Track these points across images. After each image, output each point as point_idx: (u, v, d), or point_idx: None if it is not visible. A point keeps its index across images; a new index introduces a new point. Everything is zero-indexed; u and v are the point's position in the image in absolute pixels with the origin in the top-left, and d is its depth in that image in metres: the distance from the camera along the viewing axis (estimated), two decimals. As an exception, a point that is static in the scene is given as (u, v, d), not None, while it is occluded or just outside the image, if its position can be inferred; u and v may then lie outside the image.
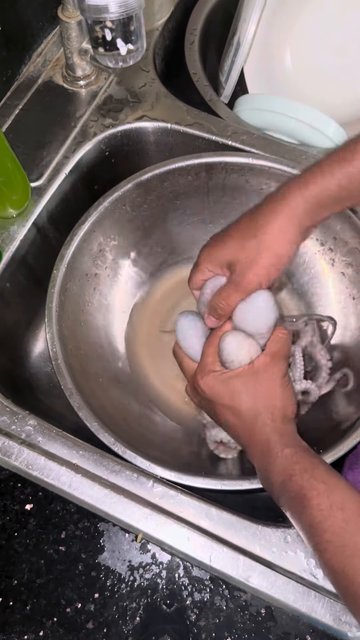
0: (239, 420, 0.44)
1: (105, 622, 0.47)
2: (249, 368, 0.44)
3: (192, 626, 0.46)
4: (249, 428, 0.43)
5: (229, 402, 0.44)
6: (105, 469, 0.49)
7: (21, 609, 0.47)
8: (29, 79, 0.69)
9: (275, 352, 0.45)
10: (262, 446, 0.43)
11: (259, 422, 0.43)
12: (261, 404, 0.43)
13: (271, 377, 0.44)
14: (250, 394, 0.43)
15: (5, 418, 0.52)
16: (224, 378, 0.44)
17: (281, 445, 0.42)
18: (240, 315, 0.46)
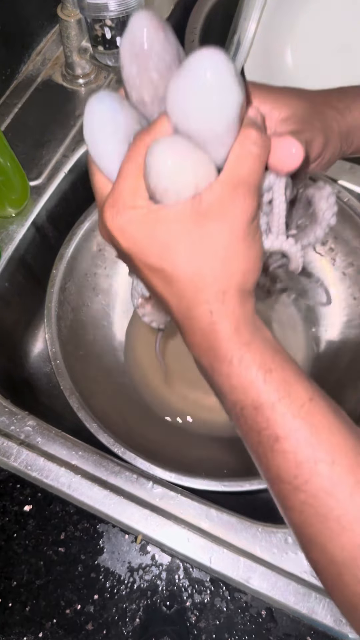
0: (170, 292, 0.29)
1: (105, 624, 0.46)
2: (193, 206, 0.27)
3: (192, 627, 0.46)
4: (186, 306, 0.28)
5: (155, 263, 0.28)
6: (104, 470, 0.49)
7: (20, 610, 0.47)
8: (28, 77, 0.69)
9: (240, 175, 0.27)
10: (204, 337, 0.28)
11: (202, 299, 0.28)
12: (208, 269, 0.27)
13: (229, 223, 0.27)
14: (190, 251, 0.27)
15: (4, 418, 0.52)
16: (150, 221, 0.27)
17: (237, 345, 0.28)
18: (176, 102, 0.26)
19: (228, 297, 0.28)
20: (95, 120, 0.28)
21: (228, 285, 0.28)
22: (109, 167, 0.29)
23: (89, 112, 0.28)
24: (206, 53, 0.24)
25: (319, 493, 0.27)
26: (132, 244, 0.28)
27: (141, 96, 0.28)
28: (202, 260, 0.27)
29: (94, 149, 0.29)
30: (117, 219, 0.28)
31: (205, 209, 0.27)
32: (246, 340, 0.28)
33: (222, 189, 0.27)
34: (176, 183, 0.26)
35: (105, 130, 0.28)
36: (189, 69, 0.25)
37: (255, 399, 0.28)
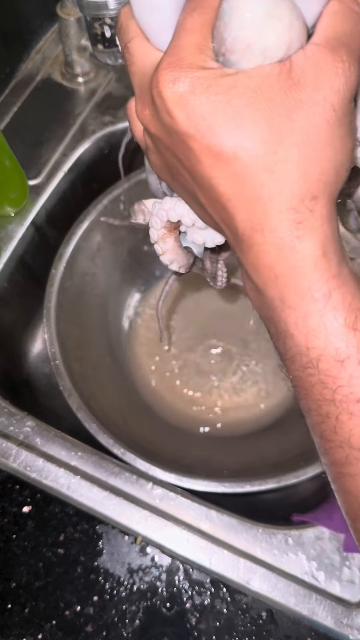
0: (242, 191, 0.21)
1: (105, 625, 0.46)
2: (283, 70, 0.20)
3: (192, 629, 0.46)
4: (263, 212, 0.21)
5: (227, 145, 0.20)
6: (104, 471, 0.49)
7: (20, 612, 0.47)
8: (28, 76, 0.69)
9: (340, 37, 0.20)
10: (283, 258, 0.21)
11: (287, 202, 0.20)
12: (299, 157, 0.20)
13: (328, 97, 0.20)
14: (278, 130, 0.20)
15: (3, 419, 0.52)
16: (223, 87, 0.20)
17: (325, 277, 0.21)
18: None
19: (319, 206, 0.21)
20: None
21: (320, 188, 0.21)
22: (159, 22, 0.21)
23: None
24: None
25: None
26: (196, 118, 0.20)
27: None
28: (290, 144, 0.20)
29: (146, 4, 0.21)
30: (178, 84, 0.20)
31: (297, 76, 0.20)
32: (335, 272, 0.21)
33: (319, 52, 0.20)
34: (265, 35, 0.19)
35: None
36: None
37: (341, 349, 0.21)
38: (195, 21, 0.20)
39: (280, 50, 0.20)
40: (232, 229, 0.22)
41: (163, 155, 0.24)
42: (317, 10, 0.20)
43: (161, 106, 0.21)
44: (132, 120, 0.25)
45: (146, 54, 0.23)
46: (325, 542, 0.46)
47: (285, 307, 0.22)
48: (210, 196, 0.22)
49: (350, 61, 0.20)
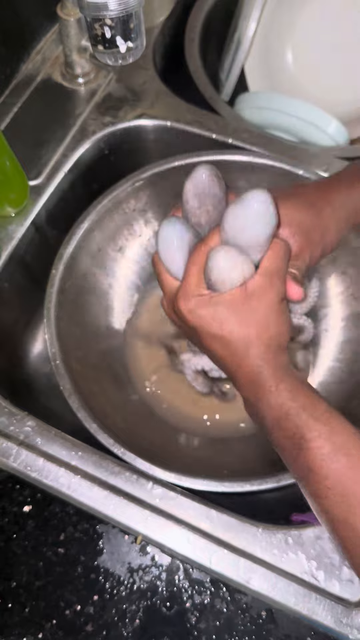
0: (227, 351, 0.39)
1: (105, 625, 0.46)
2: (242, 291, 0.38)
3: (192, 629, 0.46)
4: (239, 359, 0.39)
5: (217, 331, 0.38)
6: (104, 471, 0.49)
7: (20, 611, 0.47)
8: (28, 76, 0.69)
9: (272, 271, 0.39)
10: (252, 378, 0.39)
11: (251, 353, 0.38)
12: (254, 332, 0.38)
13: (266, 302, 0.39)
14: (242, 321, 0.38)
15: (3, 419, 0.52)
16: (212, 304, 0.38)
17: (275, 380, 0.38)
18: (232, 223, 0.38)
19: (270, 350, 0.39)
20: (169, 238, 0.41)
21: (269, 343, 0.39)
22: (176, 269, 0.41)
23: (164, 229, 0.41)
24: (257, 193, 0.36)
25: (340, 477, 0.34)
26: (199, 320, 0.39)
27: (199, 221, 0.41)
28: (251, 327, 0.38)
29: (166, 257, 0.41)
30: (188, 304, 0.39)
31: (250, 292, 0.38)
32: (281, 377, 0.38)
33: (262, 279, 0.38)
34: (231, 276, 0.37)
35: (176, 245, 0.41)
36: (245, 203, 0.36)
37: (286, 411, 0.37)
38: (194, 270, 0.39)
39: (239, 280, 0.38)
40: (226, 368, 0.41)
41: (183, 331, 0.44)
42: (260, 255, 0.39)
43: (180, 314, 0.40)
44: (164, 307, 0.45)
45: (170, 283, 0.43)
46: (325, 542, 0.46)
47: (257, 400, 0.39)
48: (211, 354, 0.42)
49: (278, 282, 0.39)
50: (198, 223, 0.41)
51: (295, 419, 0.36)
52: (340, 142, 0.67)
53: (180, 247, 0.41)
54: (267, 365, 0.38)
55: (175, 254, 0.41)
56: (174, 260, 0.41)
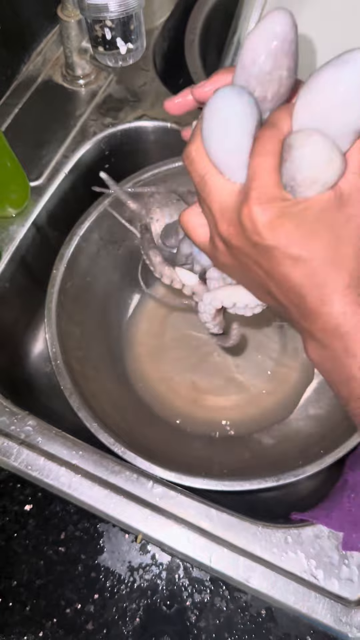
0: (311, 281, 0.29)
1: (105, 623, 0.46)
2: (336, 196, 0.28)
3: (192, 627, 0.46)
4: (328, 292, 0.28)
5: (302, 252, 0.28)
6: (105, 470, 0.49)
7: (21, 610, 0.47)
8: (29, 78, 0.69)
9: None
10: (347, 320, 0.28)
11: (347, 282, 0.28)
12: (352, 254, 0.28)
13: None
14: (337, 238, 0.28)
15: (4, 418, 0.52)
16: (300, 211, 0.28)
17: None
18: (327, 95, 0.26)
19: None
20: (234, 111, 0.27)
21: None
22: (233, 165, 0.29)
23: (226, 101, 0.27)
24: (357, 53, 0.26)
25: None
26: (282, 237, 0.28)
27: (265, 92, 0.29)
28: (346, 244, 0.28)
29: (222, 143, 0.28)
30: (269, 212, 0.28)
31: (346, 198, 0.28)
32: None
33: (357, 180, 0.28)
34: (327, 172, 0.27)
35: (243, 125, 0.28)
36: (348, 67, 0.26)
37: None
38: (270, 164, 0.28)
39: (333, 182, 0.28)
40: (300, 307, 0.30)
41: (240, 260, 0.32)
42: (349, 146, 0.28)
43: (251, 228, 0.28)
44: (193, 230, 0.34)
45: (223, 186, 0.30)
46: (324, 541, 0.46)
47: (349, 355, 0.29)
48: (284, 286, 0.30)
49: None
50: (263, 96, 0.29)
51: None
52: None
53: (246, 129, 0.28)
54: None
55: (238, 140, 0.28)
56: (235, 149, 0.28)
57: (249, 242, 0.29)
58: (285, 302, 0.31)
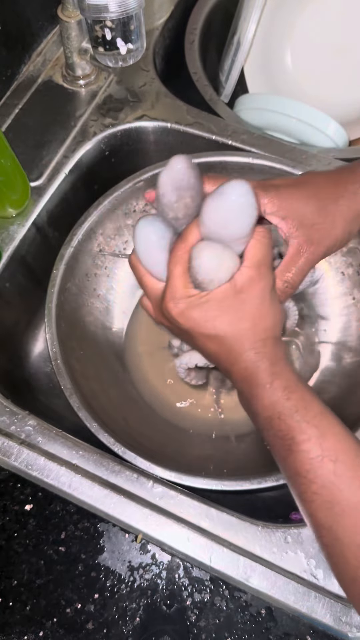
0: (222, 349, 0.38)
1: (105, 623, 0.47)
2: (231, 287, 0.37)
3: (192, 627, 0.46)
4: (235, 356, 0.38)
5: (210, 331, 0.37)
6: (105, 470, 0.49)
7: (21, 610, 0.47)
8: (29, 78, 0.69)
9: (258, 261, 0.37)
10: (248, 373, 0.38)
11: (247, 348, 0.37)
12: (248, 327, 0.37)
13: (257, 294, 0.37)
14: (234, 318, 0.37)
15: (4, 418, 0.52)
16: (202, 303, 0.37)
17: (271, 376, 0.37)
18: (212, 217, 0.36)
19: (266, 343, 0.38)
20: (150, 239, 0.39)
21: (265, 335, 0.38)
22: (159, 270, 0.39)
23: (141, 229, 0.39)
24: (237, 185, 0.34)
25: (326, 484, 0.34)
26: (192, 323, 0.37)
27: (176, 215, 0.38)
28: (243, 322, 0.37)
29: (148, 259, 0.40)
30: (177, 307, 0.37)
31: (240, 287, 0.37)
32: (277, 371, 0.37)
33: (250, 271, 0.37)
34: (219, 274, 0.36)
35: (158, 245, 0.39)
36: (225, 197, 0.34)
37: (280, 410, 0.36)
38: (178, 270, 0.37)
39: (227, 277, 0.37)
40: (221, 365, 0.40)
41: (175, 334, 0.43)
42: (243, 247, 0.37)
43: (170, 318, 0.39)
44: (150, 311, 0.43)
45: (154, 286, 0.41)
46: (324, 540, 0.46)
47: (252, 396, 0.38)
48: (205, 353, 0.41)
49: (267, 272, 0.38)
50: (175, 217, 0.39)
51: (287, 419, 0.36)
52: (340, 144, 0.67)
53: (162, 247, 0.39)
54: (264, 359, 0.37)
55: (157, 255, 0.39)
56: (156, 261, 0.39)
57: (174, 325, 0.40)
58: (216, 363, 0.41)
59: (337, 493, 0.33)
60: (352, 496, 0.33)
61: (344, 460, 0.34)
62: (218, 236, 0.36)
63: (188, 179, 0.37)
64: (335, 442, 0.35)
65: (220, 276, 0.36)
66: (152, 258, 0.39)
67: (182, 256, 0.37)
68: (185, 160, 0.36)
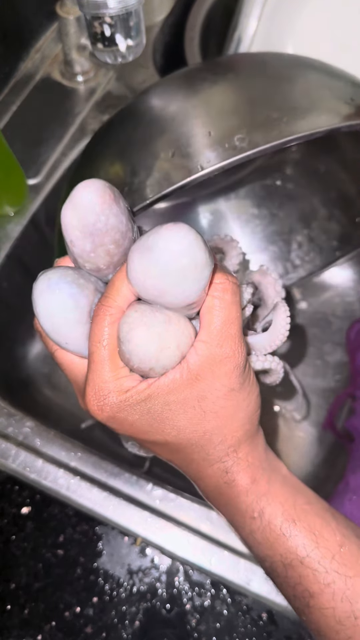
0: (179, 458, 0.28)
1: (104, 627, 0.46)
2: (183, 374, 0.25)
3: (192, 631, 0.45)
4: (197, 469, 0.28)
5: (158, 438, 0.26)
6: (104, 472, 0.49)
7: (19, 613, 0.47)
8: (27, 75, 0.69)
9: (220, 329, 0.25)
10: (223, 494, 0.28)
11: (214, 459, 0.27)
12: (214, 429, 0.26)
13: (223, 379, 0.25)
14: (192, 416, 0.25)
15: (2, 419, 0.51)
16: (141, 401, 0.25)
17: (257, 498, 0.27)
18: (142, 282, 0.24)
19: (240, 451, 0.27)
20: (54, 310, 0.25)
21: (237, 439, 0.27)
22: (75, 348, 0.27)
23: (45, 301, 0.25)
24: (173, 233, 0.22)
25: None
26: (129, 428, 0.26)
27: (97, 266, 0.26)
28: (205, 423, 0.26)
29: (56, 336, 0.26)
30: (106, 410, 0.25)
31: (195, 372, 0.25)
32: (264, 490, 0.27)
33: (207, 348, 0.25)
34: (161, 360, 0.24)
35: (68, 317, 0.25)
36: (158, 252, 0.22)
37: (284, 555, 0.26)
38: (101, 354, 0.25)
39: (176, 361, 0.25)
40: (183, 472, 0.29)
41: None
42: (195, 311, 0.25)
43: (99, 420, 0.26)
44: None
45: (72, 363, 0.27)
46: (326, 543, 0.46)
47: (237, 526, 0.28)
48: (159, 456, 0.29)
49: (234, 348, 0.25)
50: (96, 269, 0.26)
51: (296, 567, 0.26)
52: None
53: (75, 320, 0.26)
54: (242, 474, 0.27)
55: (70, 332, 0.26)
56: (68, 339, 0.26)
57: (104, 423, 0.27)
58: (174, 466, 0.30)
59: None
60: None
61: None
62: (158, 303, 0.25)
63: (106, 218, 0.24)
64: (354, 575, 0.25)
65: (163, 363, 0.25)
66: (63, 335, 0.26)
67: (110, 330, 0.25)
68: (97, 190, 0.24)
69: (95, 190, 0.24)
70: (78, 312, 0.26)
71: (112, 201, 0.24)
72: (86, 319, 0.26)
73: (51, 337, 0.26)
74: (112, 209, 0.24)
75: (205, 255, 0.23)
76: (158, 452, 0.28)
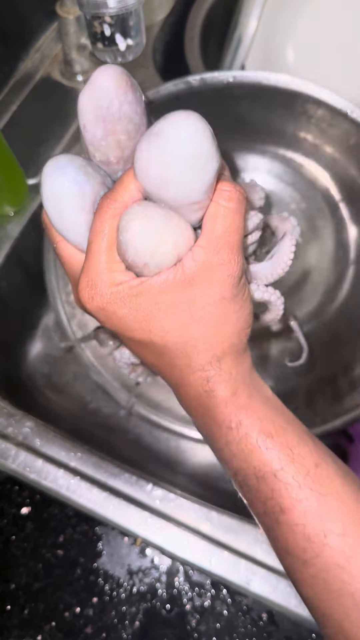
0: (162, 362, 0.27)
1: (104, 627, 0.46)
2: (177, 275, 0.25)
3: (192, 631, 0.45)
4: (179, 375, 0.27)
5: (144, 337, 0.26)
6: (104, 472, 0.49)
7: (19, 613, 0.47)
8: (27, 75, 0.69)
9: (220, 238, 0.25)
10: (202, 403, 0.27)
11: (197, 366, 0.26)
12: (200, 336, 0.26)
13: (217, 287, 0.25)
14: (180, 321, 0.25)
15: (2, 419, 0.51)
16: (131, 296, 0.25)
17: (235, 410, 0.26)
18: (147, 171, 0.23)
19: (224, 362, 0.27)
20: (59, 193, 0.26)
21: (222, 350, 0.27)
22: (77, 238, 0.27)
23: (51, 183, 0.26)
24: (182, 118, 0.22)
25: (330, 567, 0.24)
26: (116, 322, 0.26)
27: (107, 157, 0.26)
28: (192, 328, 0.26)
29: (59, 222, 0.27)
30: (97, 300, 0.25)
31: (189, 275, 0.25)
32: (244, 403, 0.27)
33: (204, 254, 0.25)
34: (156, 256, 0.24)
35: (72, 203, 0.26)
36: (165, 138, 0.22)
37: (257, 467, 0.26)
38: (100, 245, 0.25)
39: (171, 260, 0.25)
40: (168, 383, 0.29)
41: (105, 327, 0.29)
42: (200, 214, 0.25)
43: (89, 311, 0.26)
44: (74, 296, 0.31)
45: (71, 256, 0.28)
46: (326, 544, 0.46)
47: (213, 438, 0.28)
48: (142, 360, 0.29)
49: (232, 255, 0.25)
50: (106, 160, 0.27)
51: (269, 480, 0.25)
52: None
53: (82, 206, 0.26)
54: (222, 385, 0.27)
55: (73, 218, 0.26)
56: (70, 226, 0.27)
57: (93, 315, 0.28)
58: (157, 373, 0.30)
59: (346, 579, 0.24)
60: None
61: (354, 534, 0.24)
62: (161, 198, 0.24)
63: (120, 104, 0.24)
64: (339, 506, 0.25)
65: (159, 258, 0.24)
66: (66, 221, 0.26)
67: (109, 222, 0.25)
68: (113, 75, 0.24)
69: (111, 75, 0.24)
70: (82, 199, 0.26)
71: (129, 88, 0.25)
72: (90, 208, 0.26)
73: (54, 223, 0.27)
74: (127, 96, 0.25)
75: (212, 147, 0.22)
76: (143, 354, 0.28)
